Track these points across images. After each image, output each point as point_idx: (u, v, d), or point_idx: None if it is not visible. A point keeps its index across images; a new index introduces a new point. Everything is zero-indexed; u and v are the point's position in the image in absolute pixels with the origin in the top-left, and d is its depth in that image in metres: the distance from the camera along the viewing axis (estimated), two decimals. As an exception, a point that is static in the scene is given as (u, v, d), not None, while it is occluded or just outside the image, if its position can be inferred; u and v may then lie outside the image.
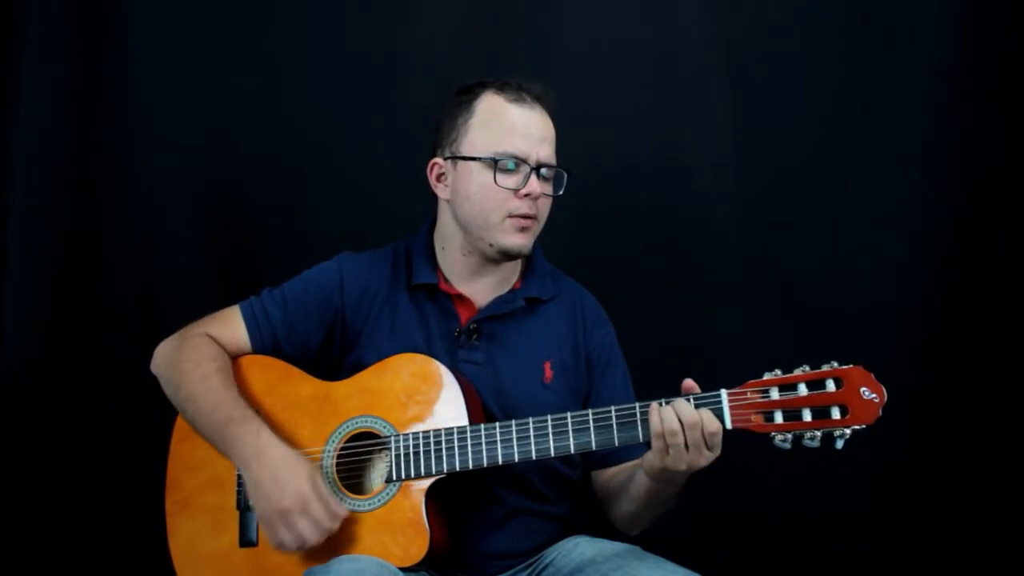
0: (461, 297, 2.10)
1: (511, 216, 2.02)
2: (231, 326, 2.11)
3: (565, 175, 2.08)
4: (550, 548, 2.05)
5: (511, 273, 2.14)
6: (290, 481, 1.89)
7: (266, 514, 1.90)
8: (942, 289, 2.90)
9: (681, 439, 1.77)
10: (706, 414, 1.78)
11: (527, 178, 2.01)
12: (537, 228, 2.08)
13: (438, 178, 2.11)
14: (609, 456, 2.06)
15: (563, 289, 2.19)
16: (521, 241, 2.04)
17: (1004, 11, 2.86)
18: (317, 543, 1.89)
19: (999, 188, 2.87)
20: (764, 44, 2.97)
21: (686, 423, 1.77)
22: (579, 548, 1.99)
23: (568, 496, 2.12)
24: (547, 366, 2.10)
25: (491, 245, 2.05)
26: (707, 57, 2.98)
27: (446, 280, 2.12)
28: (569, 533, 2.07)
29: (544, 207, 2.07)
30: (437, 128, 2.12)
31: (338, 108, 2.97)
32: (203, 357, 2.05)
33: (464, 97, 2.08)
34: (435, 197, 2.14)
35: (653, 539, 2.01)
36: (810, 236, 2.94)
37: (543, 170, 2.04)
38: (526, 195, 2.01)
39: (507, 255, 2.07)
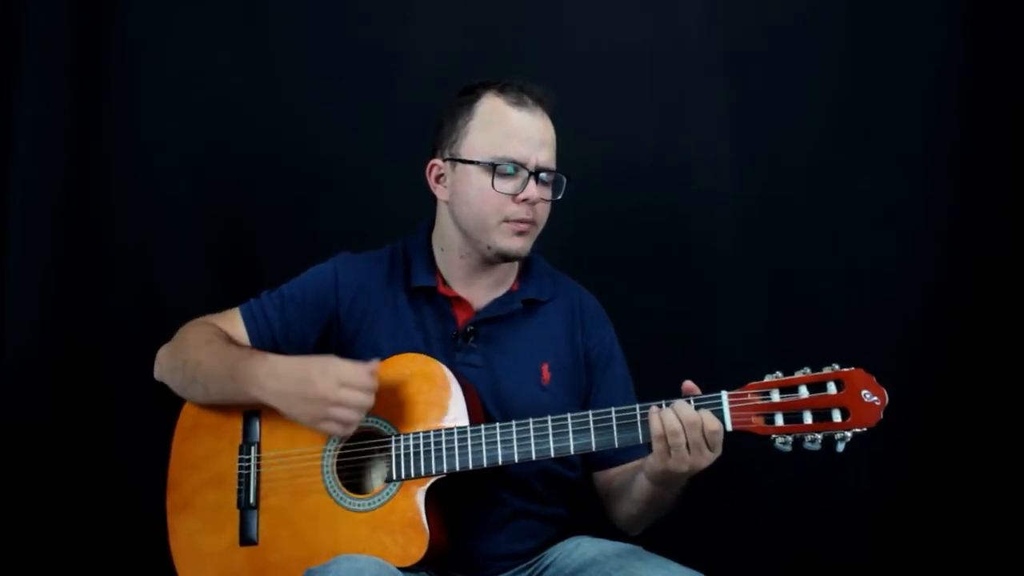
0: (459, 300, 2.10)
1: (508, 221, 2.02)
2: (232, 325, 2.12)
3: (564, 180, 2.08)
4: (551, 548, 2.04)
5: (509, 275, 2.14)
6: (311, 370, 1.92)
7: (311, 410, 1.91)
8: (942, 289, 2.89)
9: (682, 440, 1.77)
10: (706, 414, 1.78)
11: (525, 183, 2.01)
12: (536, 232, 2.07)
13: (437, 179, 2.11)
14: (610, 457, 2.06)
15: (562, 290, 2.19)
16: (519, 244, 2.04)
17: (1004, 11, 2.86)
18: (369, 404, 1.90)
19: (999, 188, 2.87)
20: (764, 44, 2.97)
21: (686, 423, 1.77)
22: (581, 548, 1.99)
23: (569, 498, 2.12)
24: (544, 368, 2.09)
25: (489, 247, 2.05)
26: (707, 57, 2.98)
27: (444, 282, 2.12)
28: (570, 534, 2.07)
29: (543, 212, 2.07)
30: (438, 128, 2.12)
31: (338, 108, 2.97)
32: (202, 331, 2.09)
33: (465, 98, 2.08)
34: (434, 197, 2.13)
35: (655, 539, 2.01)
36: (810, 236, 2.94)
37: (542, 175, 2.03)
38: (524, 200, 2.01)
39: (505, 257, 2.06)
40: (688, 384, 1.82)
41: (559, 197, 2.08)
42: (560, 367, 2.11)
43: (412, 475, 1.93)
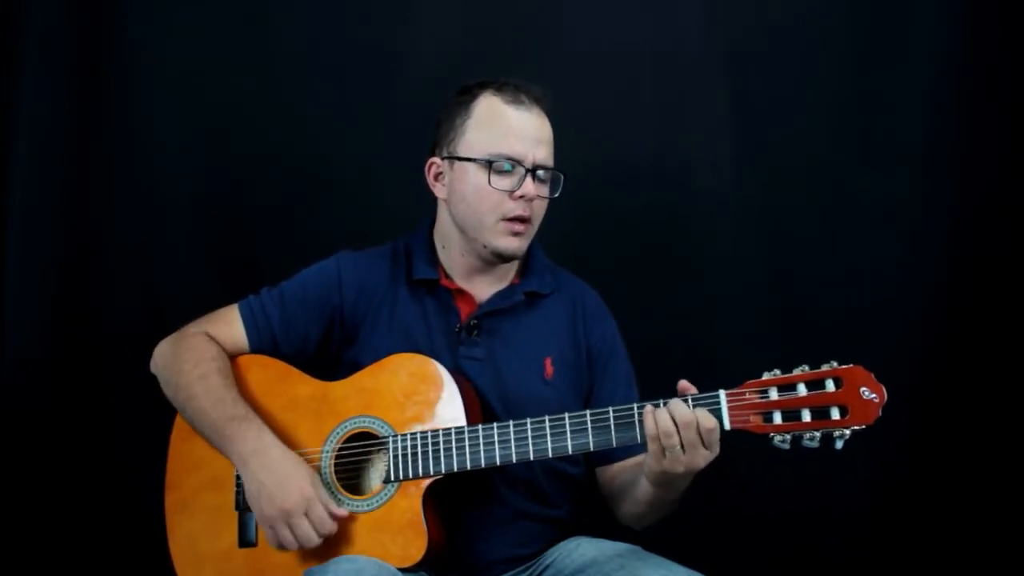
0: (462, 292, 2.11)
1: (505, 219, 2.02)
2: (229, 325, 2.11)
3: (562, 177, 2.08)
4: (551, 549, 2.04)
5: (510, 269, 2.15)
6: (293, 481, 1.91)
7: (267, 514, 1.91)
8: (942, 289, 2.89)
9: (676, 440, 1.76)
10: (701, 412, 1.77)
11: (522, 180, 2.01)
12: (532, 231, 2.08)
13: (436, 177, 2.12)
14: (611, 453, 2.05)
15: (563, 284, 2.19)
16: (515, 245, 2.05)
17: (1004, 11, 2.86)
18: (318, 544, 1.90)
19: (999, 188, 2.87)
20: (764, 44, 2.97)
21: (680, 423, 1.76)
22: (580, 549, 1.99)
23: (571, 497, 2.12)
24: (548, 362, 2.10)
25: (485, 246, 2.05)
26: (707, 57, 2.98)
27: (447, 276, 2.12)
28: (570, 534, 2.07)
29: (539, 209, 2.07)
30: (436, 128, 2.13)
31: (338, 108, 2.97)
32: (202, 356, 2.05)
33: (463, 98, 2.08)
34: (434, 197, 2.14)
35: (655, 539, 2.01)
36: (810, 236, 2.94)
37: (539, 172, 2.04)
38: (520, 197, 2.01)
39: (501, 257, 2.07)
40: (683, 383, 1.82)
41: (556, 195, 2.09)
42: (563, 362, 2.11)
43: (410, 476, 1.93)
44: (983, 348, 2.85)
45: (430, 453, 1.93)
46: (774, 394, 1.78)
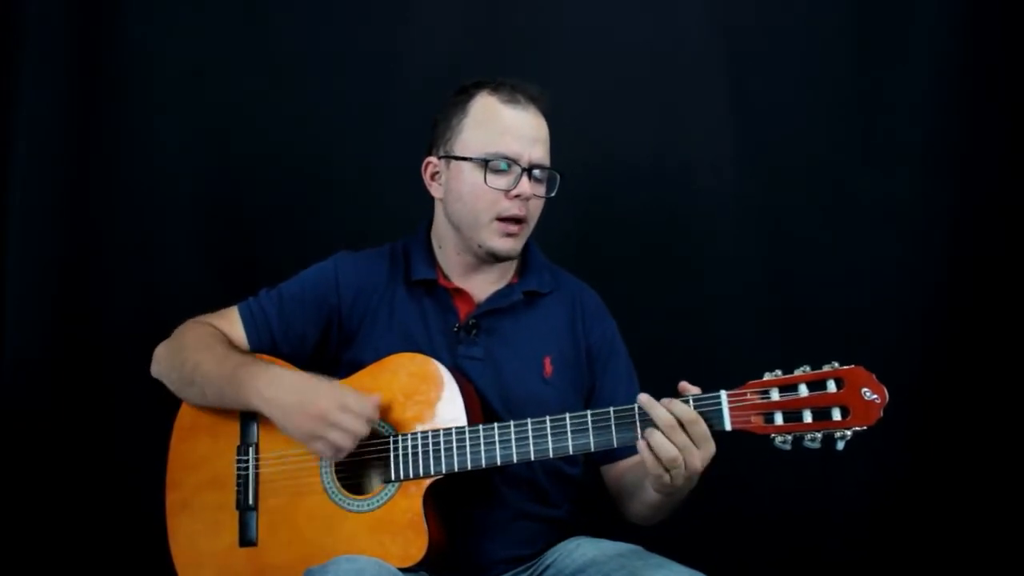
0: (460, 292, 2.11)
1: (500, 219, 2.03)
2: (229, 324, 2.12)
3: (558, 177, 2.09)
4: (551, 549, 2.04)
5: (508, 269, 2.15)
6: (316, 389, 1.93)
7: (306, 427, 1.91)
8: (942, 289, 2.89)
9: (674, 453, 1.76)
10: (677, 407, 1.76)
11: (518, 179, 2.02)
12: (527, 231, 2.08)
13: (432, 177, 2.12)
14: (616, 451, 2.03)
15: (562, 283, 2.20)
16: (509, 245, 2.05)
17: (1004, 11, 2.86)
18: (365, 434, 1.90)
19: (999, 188, 2.87)
20: (764, 44, 2.97)
21: (666, 429, 1.76)
22: (581, 549, 1.99)
23: (572, 497, 2.12)
24: (547, 361, 2.10)
25: (480, 246, 2.06)
26: (707, 57, 2.98)
27: (445, 276, 2.13)
28: (570, 534, 2.07)
29: (535, 208, 2.07)
30: (433, 127, 2.13)
31: (338, 108, 2.97)
32: (203, 333, 2.08)
33: (459, 97, 2.09)
34: (432, 196, 2.14)
35: (655, 539, 2.01)
36: (810, 236, 2.94)
37: (535, 171, 2.04)
38: (516, 196, 2.01)
39: (496, 257, 2.07)
40: (683, 384, 1.81)
41: (552, 194, 2.09)
42: (562, 361, 2.11)
43: (411, 476, 1.93)
44: (983, 348, 2.85)
45: (431, 453, 1.93)
46: (775, 395, 1.77)
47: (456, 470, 1.91)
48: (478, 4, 3.00)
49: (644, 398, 1.79)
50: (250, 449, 2.04)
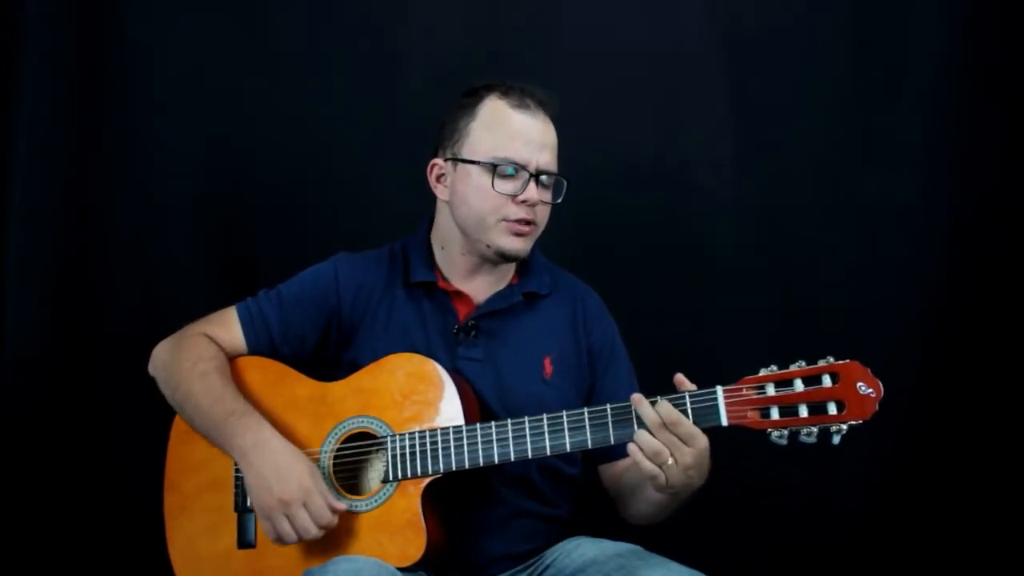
0: (459, 294, 2.10)
1: (506, 220, 2.02)
2: (227, 327, 2.11)
3: (565, 183, 2.08)
4: (551, 549, 2.04)
5: (509, 271, 2.15)
6: (293, 472, 1.91)
7: (267, 505, 1.90)
8: (942, 289, 2.89)
9: (664, 455, 1.76)
10: (663, 408, 1.77)
11: (526, 184, 2.01)
12: (536, 233, 2.08)
13: (438, 179, 2.11)
14: (615, 450, 2.02)
15: (562, 284, 2.19)
16: (519, 245, 2.05)
17: (1004, 11, 2.86)
18: (316, 536, 1.90)
19: (999, 188, 2.87)
20: (764, 44, 2.97)
21: (653, 430, 1.76)
22: (580, 548, 1.99)
23: (569, 496, 2.12)
24: (547, 361, 2.09)
25: (488, 246, 2.05)
26: (707, 57, 2.98)
27: (444, 278, 2.12)
28: (569, 534, 2.07)
29: (542, 214, 2.07)
30: (439, 129, 2.12)
31: (338, 109, 2.97)
32: (201, 355, 2.05)
33: (468, 100, 2.08)
34: (434, 197, 2.14)
35: (655, 539, 2.00)
36: (810, 236, 2.94)
37: (542, 177, 2.04)
38: (523, 202, 2.01)
39: (505, 257, 2.06)
40: (679, 377, 1.81)
41: (559, 200, 2.09)
42: (562, 361, 2.11)
43: (409, 475, 1.93)
44: (983, 348, 2.85)
45: (428, 452, 1.92)
46: (771, 390, 1.77)
47: (454, 469, 1.91)
48: (478, 4, 3.00)
49: (636, 397, 1.81)
50: (248, 450, 2.04)
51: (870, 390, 1.74)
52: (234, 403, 1.99)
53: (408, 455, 1.93)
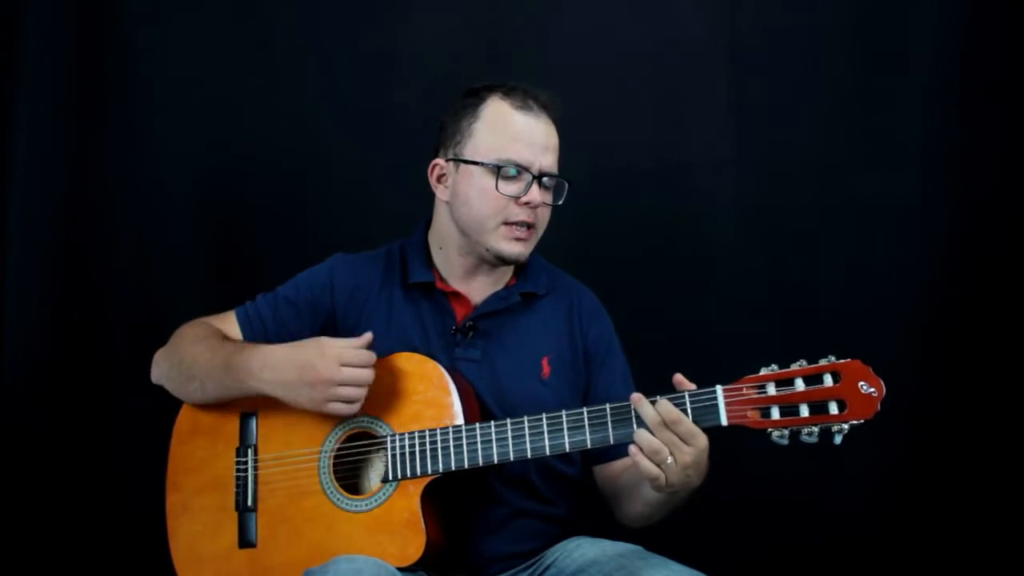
0: (457, 295, 2.11)
1: (507, 223, 2.02)
2: (227, 326, 2.13)
3: (566, 185, 2.08)
4: (551, 549, 2.04)
5: (507, 271, 2.15)
6: (308, 355, 1.93)
7: (313, 396, 1.92)
8: (942, 289, 2.89)
9: (664, 454, 1.76)
10: (663, 407, 1.77)
11: (528, 186, 2.01)
12: (536, 236, 2.08)
13: (439, 179, 2.11)
14: (612, 450, 2.04)
15: (559, 284, 2.19)
16: (518, 249, 2.05)
17: (1004, 11, 2.86)
18: (371, 380, 1.91)
19: (999, 188, 2.86)
20: (764, 44, 2.97)
21: (654, 428, 1.76)
22: (581, 549, 1.99)
23: (568, 496, 2.12)
24: (544, 362, 2.09)
25: (487, 250, 2.05)
26: (707, 57, 2.98)
27: (442, 279, 2.12)
28: (570, 534, 2.07)
29: (544, 216, 2.07)
30: (441, 129, 2.12)
31: (338, 109, 2.98)
32: (197, 329, 2.11)
33: (470, 100, 2.08)
34: (433, 198, 2.14)
35: (655, 539, 2.00)
36: (810, 236, 2.94)
37: (544, 179, 2.04)
38: (526, 203, 2.01)
39: (504, 260, 2.07)
40: (678, 377, 1.81)
41: (560, 202, 2.09)
42: (560, 361, 2.11)
43: (408, 475, 1.93)
44: (983, 348, 2.84)
45: (428, 452, 1.92)
46: (772, 389, 1.77)
47: (453, 469, 1.91)
48: (478, 4, 3.00)
49: (636, 396, 1.80)
50: (249, 451, 2.04)
51: (872, 389, 1.73)
52: (232, 345, 2.04)
53: (408, 455, 1.93)
